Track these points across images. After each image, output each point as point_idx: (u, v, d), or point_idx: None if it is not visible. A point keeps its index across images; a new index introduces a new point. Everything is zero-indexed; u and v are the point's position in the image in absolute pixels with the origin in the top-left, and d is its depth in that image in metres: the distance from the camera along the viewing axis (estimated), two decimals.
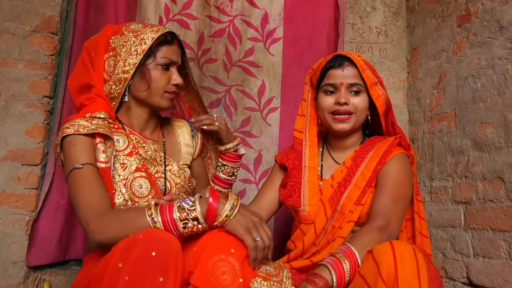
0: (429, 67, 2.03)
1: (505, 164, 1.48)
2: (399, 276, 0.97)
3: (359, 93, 1.39)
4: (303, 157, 1.47)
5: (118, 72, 1.28)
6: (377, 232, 1.19)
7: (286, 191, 1.47)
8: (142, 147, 1.34)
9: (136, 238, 0.96)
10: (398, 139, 1.41)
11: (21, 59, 1.90)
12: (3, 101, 1.87)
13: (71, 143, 1.21)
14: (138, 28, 1.32)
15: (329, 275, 1.09)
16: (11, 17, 1.93)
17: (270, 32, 2.26)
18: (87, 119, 1.24)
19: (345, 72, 1.39)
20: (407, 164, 1.38)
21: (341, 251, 1.13)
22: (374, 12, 2.29)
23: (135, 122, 1.37)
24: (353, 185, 1.35)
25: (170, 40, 1.33)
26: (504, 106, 1.51)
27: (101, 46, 1.31)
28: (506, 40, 1.53)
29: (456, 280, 1.70)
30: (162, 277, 0.93)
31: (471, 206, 1.65)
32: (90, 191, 1.15)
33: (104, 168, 1.22)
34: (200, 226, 1.06)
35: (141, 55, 1.28)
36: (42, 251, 1.82)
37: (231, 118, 2.20)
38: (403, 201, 1.33)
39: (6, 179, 1.83)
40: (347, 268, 1.09)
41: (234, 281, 1.00)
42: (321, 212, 1.37)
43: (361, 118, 1.42)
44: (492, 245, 1.52)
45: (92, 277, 1.02)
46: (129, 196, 1.25)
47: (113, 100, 1.33)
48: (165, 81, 1.32)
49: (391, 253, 1.00)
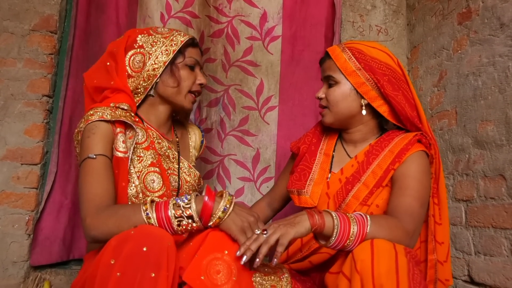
0: (430, 65, 2.03)
1: (506, 161, 1.48)
2: (375, 273, 0.94)
3: (333, 85, 1.36)
4: (322, 143, 1.47)
5: (148, 69, 1.34)
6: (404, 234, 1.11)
7: (296, 174, 1.43)
8: (158, 143, 1.38)
9: (127, 234, 0.97)
10: (419, 136, 1.31)
11: (20, 58, 1.89)
12: (2, 100, 1.86)
13: (91, 131, 1.23)
14: (166, 31, 1.41)
15: (330, 224, 1.04)
16: (9, 15, 1.91)
17: (269, 31, 2.26)
18: (111, 108, 1.28)
19: (323, 67, 1.41)
20: (426, 164, 1.29)
21: (355, 217, 1.07)
22: (374, 10, 2.29)
23: (154, 119, 1.41)
24: (362, 183, 1.29)
25: (196, 44, 1.43)
26: (505, 104, 1.51)
27: (125, 44, 1.36)
28: (507, 37, 1.53)
29: (458, 278, 1.69)
30: (154, 273, 0.93)
31: (472, 204, 1.65)
32: (96, 184, 1.16)
33: (122, 157, 1.25)
34: (194, 224, 1.06)
35: (171, 55, 1.35)
36: (45, 251, 1.82)
37: (230, 117, 2.21)
38: (425, 206, 1.25)
39: (5, 179, 1.82)
40: (353, 231, 1.03)
41: (229, 280, 1.00)
42: (324, 207, 1.33)
43: (342, 111, 1.35)
44: (493, 242, 1.52)
45: (87, 276, 1.03)
46: (141, 189, 1.27)
47: (137, 96, 1.37)
48: (192, 80, 1.40)
49: (370, 250, 0.97)
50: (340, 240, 1.04)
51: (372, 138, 1.40)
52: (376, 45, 1.38)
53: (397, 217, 1.16)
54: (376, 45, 1.38)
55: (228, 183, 2.17)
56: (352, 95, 1.34)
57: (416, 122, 1.32)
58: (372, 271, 0.94)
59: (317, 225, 1.04)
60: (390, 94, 1.31)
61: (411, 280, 0.94)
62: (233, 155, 2.19)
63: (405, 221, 1.15)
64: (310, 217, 1.05)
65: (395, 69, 1.34)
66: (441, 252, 1.32)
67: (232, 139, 2.20)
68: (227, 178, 2.17)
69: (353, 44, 1.38)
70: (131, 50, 1.35)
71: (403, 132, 1.37)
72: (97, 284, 0.95)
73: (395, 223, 1.12)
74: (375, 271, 0.94)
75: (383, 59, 1.34)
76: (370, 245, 0.98)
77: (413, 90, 1.37)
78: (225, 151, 2.19)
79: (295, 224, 1.04)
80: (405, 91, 1.34)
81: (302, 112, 2.19)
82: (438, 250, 1.31)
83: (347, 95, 1.34)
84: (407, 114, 1.31)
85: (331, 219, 1.05)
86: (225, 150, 2.19)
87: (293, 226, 1.03)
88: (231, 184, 2.17)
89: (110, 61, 1.36)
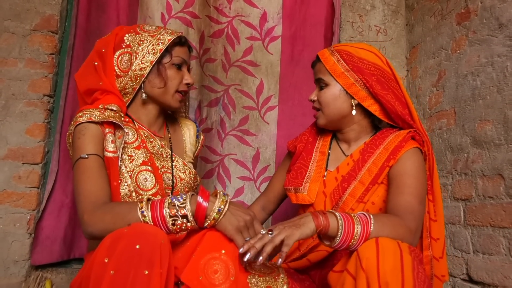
0: (429, 65, 2.04)
1: (505, 161, 1.49)
2: (380, 271, 0.95)
3: (323, 87, 1.40)
4: (317, 142, 1.49)
5: (135, 69, 1.33)
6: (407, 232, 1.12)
7: (293, 172, 1.45)
8: (150, 142, 1.38)
9: (121, 232, 0.97)
10: (412, 133, 1.34)
11: (21, 58, 1.90)
12: (4, 100, 1.87)
13: (81, 132, 1.25)
14: (153, 29, 1.39)
15: (335, 224, 1.05)
16: (11, 16, 1.92)
17: (268, 31, 2.27)
18: (100, 110, 1.28)
19: (315, 70, 1.45)
20: (421, 160, 1.31)
21: (358, 217, 1.08)
22: (374, 11, 2.30)
23: (144, 118, 1.41)
24: (358, 181, 1.32)
25: (184, 42, 1.41)
26: (504, 103, 1.52)
27: (114, 43, 1.35)
28: (506, 37, 1.54)
29: (456, 276, 1.70)
30: (147, 270, 0.93)
31: (470, 203, 1.66)
32: (91, 182, 1.18)
33: (112, 157, 1.26)
34: (189, 224, 1.07)
35: (158, 54, 1.34)
36: (46, 250, 1.83)
37: (230, 117, 2.22)
38: (424, 202, 1.27)
39: (7, 178, 1.83)
40: (357, 231, 1.04)
41: (226, 280, 1.01)
42: (321, 205, 1.36)
43: (334, 112, 1.38)
44: (491, 241, 1.53)
45: (83, 275, 1.03)
46: (134, 188, 1.28)
47: (126, 96, 1.37)
48: (178, 80, 1.39)
49: (375, 248, 0.98)
50: (344, 240, 1.05)
51: (366, 137, 1.43)
52: (365, 46, 1.42)
53: (398, 215, 1.17)
54: (365, 46, 1.42)
55: (228, 183, 2.18)
56: (342, 96, 1.37)
57: (408, 119, 1.35)
58: (378, 269, 0.95)
59: (322, 226, 1.05)
60: (379, 93, 1.34)
61: (416, 278, 0.95)
62: (233, 155, 2.20)
63: (407, 219, 1.15)
64: (315, 218, 1.05)
65: (383, 69, 1.37)
66: (437, 248, 1.34)
67: (232, 139, 2.21)
68: (227, 178, 2.18)
69: (342, 46, 1.42)
70: (119, 50, 1.34)
71: (396, 130, 1.39)
72: (92, 283, 0.95)
73: (398, 222, 1.13)
74: (380, 269, 0.95)
75: (371, 59, 1.37)
76: (375, 243, 0.99)
77: (403, 89, 1.40)
78: (225, 151, 2.20)
79: (300, 225, 1.05)
80: (395, 90, 1.37)
81: (301, 112, 2.20)
82: (434, 246, 1.33)
83: (337, 96, 1.37)
84: (397, 112, 1.34)
85: (335, 220, 1.06)
86: (225, 149, 2.20)
87: (298, 227, 1.04)
88: (231, 184, 2.18)
89: (98, 61, 1.36)
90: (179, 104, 1.42)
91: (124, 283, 0.92)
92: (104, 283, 0.92)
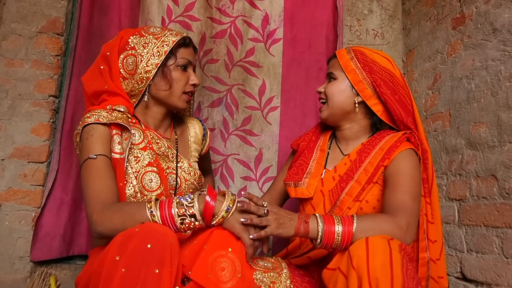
0: (424, 68, 2.06)
1: (498, 162, 1.51)
2: (370, 268, 0.98)
3: (332, 81, 1.44)
4: (319, 140, 1.53)
5: (141, 72, 1.33)
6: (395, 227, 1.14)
7: (294, 169, 1.49)
8: (156, 143, 1.38)
9: (132, 231, 0.99)
10: (408, 134, 1.37)
11: (28, 59, 1.93)
12: (10, 100, 1.90)
13: (89, 132, 1.25)
14: (158, 31, 1.38)
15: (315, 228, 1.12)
16: (17, 18, 1.96)
17: (270, 33, 2.28)
18: (108, 111, 1.29)
19: (329, 65, 1.51)
20: (415, 160, 1.33)
21: (341, 218, 1.14)
22: (371, 15, 2.33)
23: (151, 120, 1.42)
24: (355, 181, 1.35)
25: (188, 43, 1.40)
26: (497, 106, 1.53)
27: (118, 46, 1.35)
28: (500, 42, 1.56)
29: (450, 275, 1.72)
30: (158, 269, 0.95)
31: (465, 203, 1.67)
32: (99, 182, 1.18)
33: (118, 158, 1.26)
34: (197, 223, 1.09)
35: (163, 56, 1.33)
36: (45, 246, 1.85)
37: (233, 116, 2.22)
38: (419, 200, 1.28)
39: (13, 176, 1.86)
40: (338, 232, 1.10)
41: (233, 277, 1.03)
42: (320, 204, 1.39)
43: (337, 105, 1.42)
44: (485, 240, 1.54)
45: (92, 271, 1.05)
46: (139, 189, 1.28)
47: (133, 97, 1.38)
48: (184, 81, 1.39)
49: (365, 247, 1.01)
50: (327, 240, 1.11)
51: (364, 137, 1.46)
52: (380, 52, 1.48)
53: (391, 213, 1.20)
54: (380, 52, 1.48)
55: (232, 182, 2.18)
56: (347, 91, 1.42)
57: (412, 127, 1.39)
58: (368, 266, 0.98)
59: (301, 234, 1.14)
60: (385, 92, 1.38)
61: (405, 274, 0.98)
62: (236, 155, 2.20)
63: (398, 215, 1.18)
64: (297, 226, 1.13)
65: (394, 75, 1.41)
66: (434, 250, 1.35)
67: (236, 139, 2.21)
68: (231, 178, 2.18)
69: (358, 47, 1.47)
70: (123, 52, 1.34)
71: (394, 131, 1.42)
72: (103, 280, 0.96)
73: (384, 218, 1.17)
74: (370, 266, 0.98)
75: (384, 64, 1.42)
76: (365, 242, 1.03)
77: (412, 99, 1.43)
78: (229, 151, 2.20)
79: (284, 227, 1.13)
80: (403, 96, 1.41)
81: (303, 113, 2.21)
82: (431, 248, 1.34)
83: (342, 90, 1.42)
84: (401, 114, 1.38)
85: (316, 224, 1.13)
86: (228, 149, 2.20)
87: (282, 227, 1.13)
88: (234, 184, 2.18)
89: (103, 65, 1.36)
90: (186, 105, 1.42)
91: (135, 281, 0.94)
92: (115, 280, 0.94)
